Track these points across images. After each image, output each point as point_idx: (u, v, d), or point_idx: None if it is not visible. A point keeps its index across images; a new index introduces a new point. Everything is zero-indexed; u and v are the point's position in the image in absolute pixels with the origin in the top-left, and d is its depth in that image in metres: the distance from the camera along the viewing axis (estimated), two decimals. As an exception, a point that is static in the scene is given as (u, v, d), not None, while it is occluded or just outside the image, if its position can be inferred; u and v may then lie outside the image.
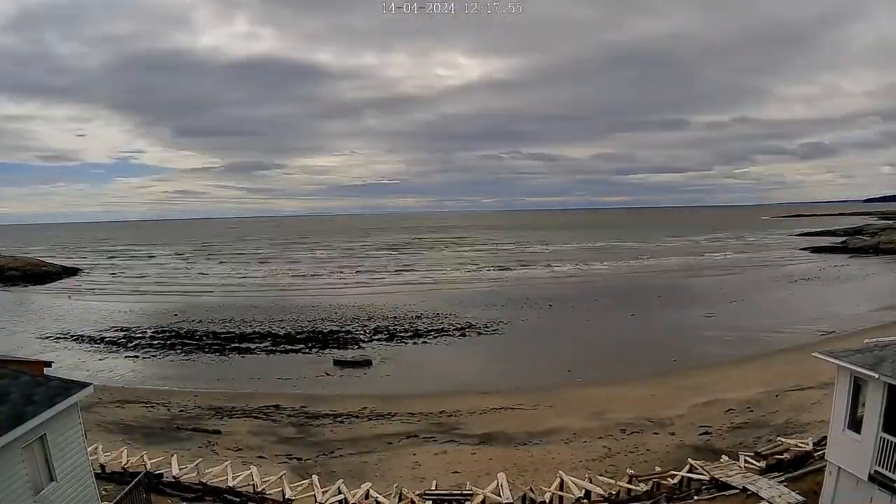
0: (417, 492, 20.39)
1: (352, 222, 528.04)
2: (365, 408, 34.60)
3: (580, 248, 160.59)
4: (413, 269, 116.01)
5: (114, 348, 52.12)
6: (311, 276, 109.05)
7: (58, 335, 57.02)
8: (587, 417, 31.48)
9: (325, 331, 57.37)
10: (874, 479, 13.93)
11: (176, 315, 66.33)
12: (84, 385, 13.41)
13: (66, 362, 44.48)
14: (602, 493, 19.95)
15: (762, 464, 20.72)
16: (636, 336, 52.41)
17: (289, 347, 51.50)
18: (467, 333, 55.44)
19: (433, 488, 21.18)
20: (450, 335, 54.91)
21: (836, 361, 14.84)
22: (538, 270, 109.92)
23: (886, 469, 13.65)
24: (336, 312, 67.56)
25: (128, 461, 22.48)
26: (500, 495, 19.62)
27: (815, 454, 20.58)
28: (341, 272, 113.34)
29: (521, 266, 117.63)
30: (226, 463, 22.81)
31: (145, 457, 22.65)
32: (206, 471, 22.05)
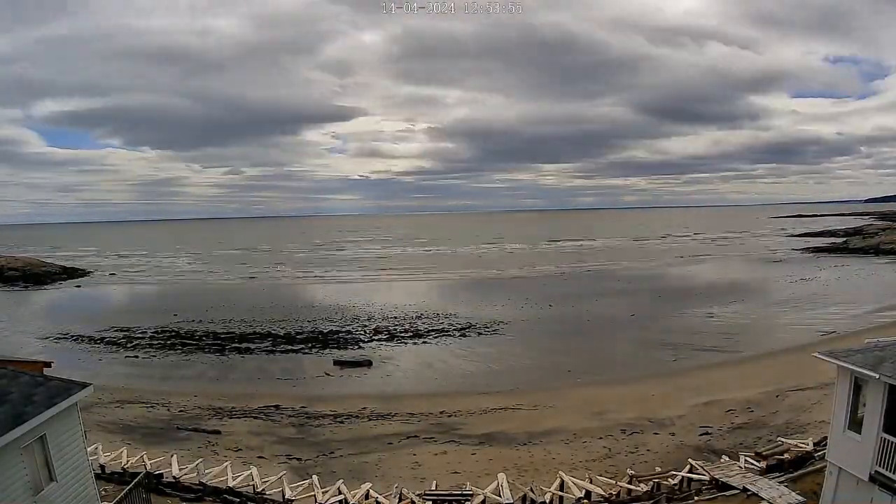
0: (417, 492, 20.37)
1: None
2: (365, 408, 34.58)
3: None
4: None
5: (114, 348, 52.10)
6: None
7: (58, 335, 56.99)
8: (587, 417, 31.45)
9: (325, 331, 57.36)
10: (875, 479, 13.91)
11: (176, 315, 66.32)
12: (84, 385, 13.39)
13: (66, 362, 44.41)
14: (602, 493, 19.93)
15: (762, 464, 20.69)
16: (636, 336, 52.38)
17: (289, 347, 51.49)
18: (467, 333, 55.41)
19: (433, 488, 21.16)
20: (450, 335, 54.88)
21: (837, 361, 14.82)
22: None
23: (887, 469, 13.62)
24: (336, 312, 67.57)
25: (128, 461, 22.47)
26: (500, 496, 19.60)
27: (816, 454, 20.56)
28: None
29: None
30: (226, 463, 22.79)
31: (145, 457, 22.64)
32: (206, 471, 22.02)
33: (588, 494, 19.75)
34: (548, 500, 19.63)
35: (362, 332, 56.63)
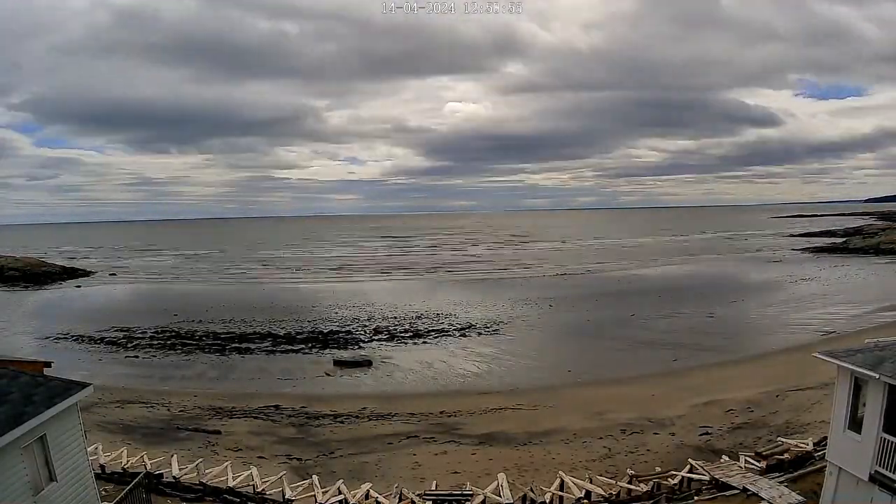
0: (417, 492, 20.39)
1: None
2: (365, 408, 34.59)
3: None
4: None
5: (114, 348, 52.10)
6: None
7: (58, 335, 56.99)
8: (587, 417, 31.46)
9: (325, 331, 57.36)
10: (874, 479, 13.91)
11: (176, 315, 66.33)
12: (84, 385, 13.41)
13: (66, 362, 44.39)
14: (602, 493, 19.93)
15: (762, 464, 20.69)
16: (636, 336, 52.38)
17: (289, 347, 51.49)
18: (467, 333, 55.42)
19: (433, 488, 21.17)
20: (450, 335, 54.88)
21: (837, 361, 14.83)
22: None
23: (887, 469, 13.63)
24: (336, 312, 67.58)
25: (128, 461, 22.48)
26: (500, 495, 19.61)
27: (816, 454, 20.57)
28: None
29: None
30: (226, 463, 22.78)
31: (145, 457, 22.65)
32: (206, 471, 22.04)
33: (588, 494, 19.75)
34: (548, 500, 19.63)
35: (362, 332, 56.64)
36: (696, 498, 18.99)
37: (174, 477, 21.20)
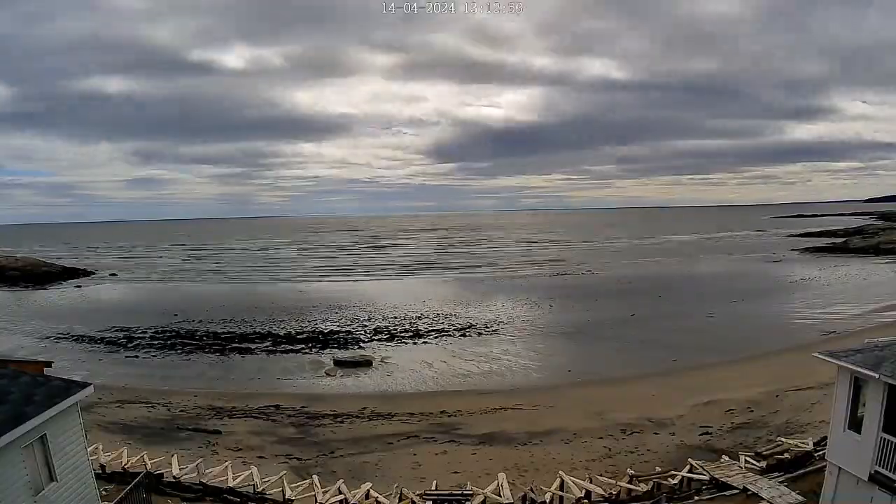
0: (418, 492, 20.38)
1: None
2: (365, 408, 34.60)
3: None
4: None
5: (114, 348, 52.11)
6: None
7: (58, 335, 57.03)
8: (587, 417, 31.46)
9: (325, 331, 57.38)
10: (874, 479, 13.93)
11: (176, 315, 66.34)
12: (84, 385, 13.42)
13: (66, 362, 44.44)
14: (602, 493, 19.93)
15: (762, 464, 20.70)
16: (636, 336, 52.38)
17: (289, 347, 51.50)
18: (467, 333, 55.42)
19: (433, 488, 21.15)
20: (450, 335, 54.89)
21: (837, 361, 14.84)
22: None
23: (887, 469, 13.65)
24: (336, 312, 67.59)
25: (128, 461, 22.46)
26: (500, 495, 19.61)
27: (816, 454, 20.57)
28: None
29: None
30: (226, 463, 22.78)
31: (145, 457, 22.63)
32: (207, 471, 22.03)
33: (588, 494, 19.74)
34: (548, 500, 19.61)
35: (362, 332, 56.65)
36: (696, 498, 19.00)
37: (174, 477, 21.19)
